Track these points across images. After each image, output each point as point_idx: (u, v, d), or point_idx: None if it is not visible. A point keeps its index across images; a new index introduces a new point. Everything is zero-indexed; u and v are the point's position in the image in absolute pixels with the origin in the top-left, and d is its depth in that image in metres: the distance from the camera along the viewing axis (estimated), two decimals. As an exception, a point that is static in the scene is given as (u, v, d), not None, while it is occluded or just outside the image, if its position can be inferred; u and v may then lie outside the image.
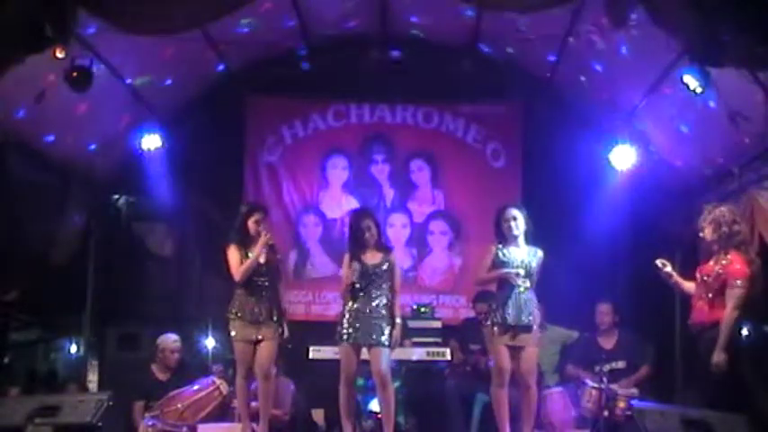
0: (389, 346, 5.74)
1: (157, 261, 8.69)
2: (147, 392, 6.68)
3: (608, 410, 6.47)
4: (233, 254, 5.99)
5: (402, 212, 8.93)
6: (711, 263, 5.59)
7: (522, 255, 5.84)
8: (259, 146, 8.95)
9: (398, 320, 5.82)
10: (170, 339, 6.94)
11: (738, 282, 5.38)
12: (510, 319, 5.72)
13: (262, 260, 6.00)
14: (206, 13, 6.04)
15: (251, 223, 6.04)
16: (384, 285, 5.82)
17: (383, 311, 5.76)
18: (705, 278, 5.57)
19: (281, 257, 6.49)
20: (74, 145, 7.33)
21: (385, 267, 5.83)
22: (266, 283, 6.03)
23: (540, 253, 5.88)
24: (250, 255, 5.96)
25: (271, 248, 6.06)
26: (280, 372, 6.90)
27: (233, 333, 5.98)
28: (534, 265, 5.84)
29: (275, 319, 6.00)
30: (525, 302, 5.76)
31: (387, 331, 5.72)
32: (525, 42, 7.95)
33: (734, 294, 5.37)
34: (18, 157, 6.55)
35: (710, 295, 5.50)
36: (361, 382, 6.58)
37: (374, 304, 5.76)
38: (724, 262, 5.49)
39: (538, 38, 7.63)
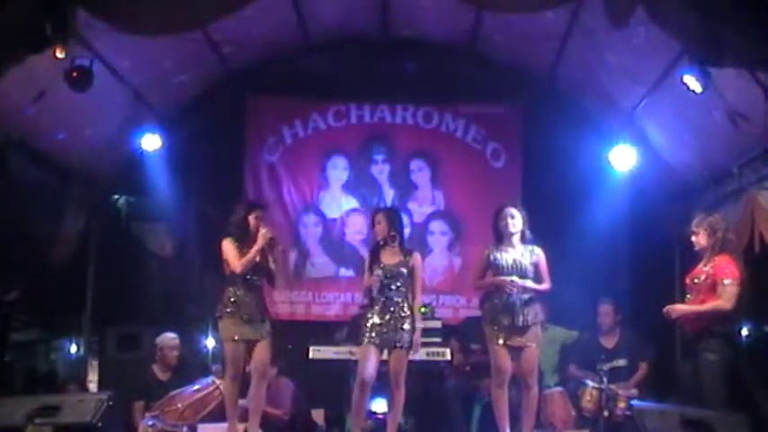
0: (409, 348, 5.73)
1: (157, 261, 8.69)
2: (147, 392, 6.69)
3: (608, 410, 6.48)
4: (230, 247, 5.93)
5: (402, 212, 8.91)
6: (701, 265, 5.59)
7: (516, 255, 5.82)
8: (259, 146, 8.94)
9: (419, 324, 5.78)
10: (168, 337, 6.96)
11: (726, 281, 5.37)
12: (505, 321, 5.71)
13: (257, 258, 5.98)
14: (206, 13, 6.04)
15: (252, 219, 6.02)
16: (403, 287, 5.78)
17: (403, 314, 5.74)
18: (695, 281, 5.56)
19: (283, 248, 6.42)
20: (74, 145, 7.32)
21: (404, 269, 5.78)
22: (258, 283, 6.01)
23: (537, 250, 5.86)
24: (245, 250, 5.92)
25: (271, 242, 6.02)
26: (280, 372, 6.90)
27: (224, 332, 5.89)
28: (528, 263, 5.81)
29: (265, 317, 5.98)
30: (522, 303, 5.74)
31: (407, 334, 5.70)
32: (525, 42, 7.96)
33: (725, 291, 5.35)
34: (18, 156, 6.54)
35: (701, 297, 5.50)
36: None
37: (394, 307, 5.74)
38: (713, 263, 5.49)
39: (538, 38, 7.64)
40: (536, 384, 5.85)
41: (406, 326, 5.70)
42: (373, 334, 5.70)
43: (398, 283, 5.76)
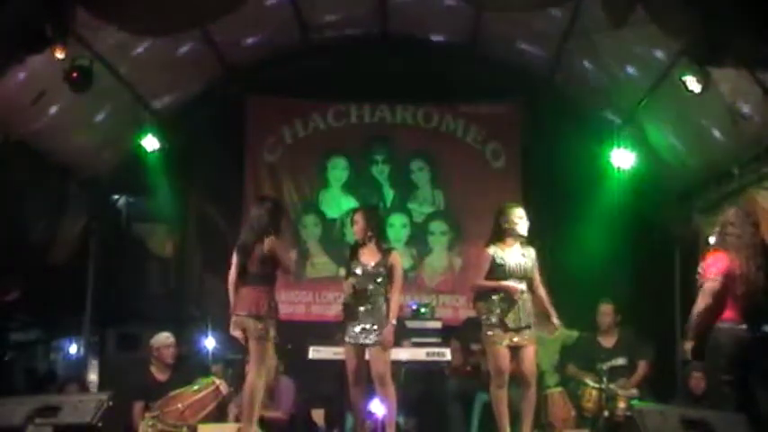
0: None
1: (158, 261, 8.70)
2: (146, 393, 6.67)
3: (608, 410, 6.48)
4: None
5: (402, 212, 8.93)
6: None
7: (517, 256, 5.79)
8: (259, 146, 8.95)
9: (393, 321, 5.75)
10: (162, 336, 6.91)
11: (705, 278, 5.33)
12: (510, 323, 5.69)
13: None
14: (206, 13, 6.05)
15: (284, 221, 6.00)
16: (381, 286, 5.76)
17: (381, 312, 5.73)
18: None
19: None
20: (74, 145, 7.33)
21: (382, 269, 5.76)
22: None
23: (532, 251, 5.84)
24: None
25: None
26: (280, 372, 6.90)
27: (273, 333, 5.69)
28: (530, 265, 5.80)
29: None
30: (524, 304, 5.74)
31: (384, 332, 5.70)
32: (525, 42, 7.96)
33: (702, 289, 5.31)
34: (18, 156, 6.55)
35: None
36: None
37: (372, 305, 5.72)
38: (702, 263, 5.47)
39: (538, 38, 7.64)
40: (535, 384, 5.83)
41: (383, 324, 5.69)
42: (352, 334, 5.70)
43: (375, 283, 5.75)
